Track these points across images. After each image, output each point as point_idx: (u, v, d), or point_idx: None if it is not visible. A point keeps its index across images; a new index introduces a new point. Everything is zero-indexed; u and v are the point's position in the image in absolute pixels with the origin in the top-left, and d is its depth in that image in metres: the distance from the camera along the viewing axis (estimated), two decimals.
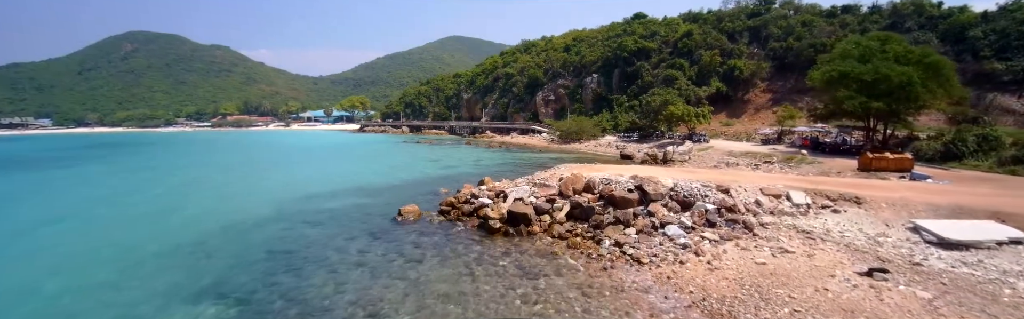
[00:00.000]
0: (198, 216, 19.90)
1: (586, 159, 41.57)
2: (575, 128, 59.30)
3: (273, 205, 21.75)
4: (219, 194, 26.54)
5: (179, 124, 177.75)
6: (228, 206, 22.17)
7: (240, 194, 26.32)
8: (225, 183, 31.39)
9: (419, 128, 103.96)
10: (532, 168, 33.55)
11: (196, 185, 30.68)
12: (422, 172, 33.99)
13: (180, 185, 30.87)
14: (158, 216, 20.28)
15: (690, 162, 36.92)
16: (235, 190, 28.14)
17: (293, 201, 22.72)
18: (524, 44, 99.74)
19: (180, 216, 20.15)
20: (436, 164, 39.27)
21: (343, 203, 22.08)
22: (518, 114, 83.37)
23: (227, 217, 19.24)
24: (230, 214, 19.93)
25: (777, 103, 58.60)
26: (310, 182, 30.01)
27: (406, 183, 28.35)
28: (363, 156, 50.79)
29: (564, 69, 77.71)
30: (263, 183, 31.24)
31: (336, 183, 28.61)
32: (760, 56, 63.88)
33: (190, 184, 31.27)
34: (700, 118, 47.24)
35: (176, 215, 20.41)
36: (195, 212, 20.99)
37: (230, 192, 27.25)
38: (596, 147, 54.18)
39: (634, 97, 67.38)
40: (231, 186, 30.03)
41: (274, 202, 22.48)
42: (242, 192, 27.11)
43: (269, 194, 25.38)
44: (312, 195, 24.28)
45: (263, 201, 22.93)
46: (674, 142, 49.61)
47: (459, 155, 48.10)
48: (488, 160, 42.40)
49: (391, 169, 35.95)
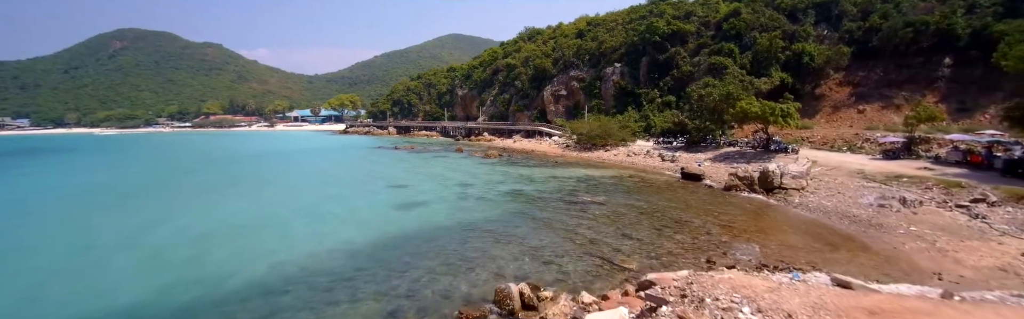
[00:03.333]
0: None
1: (631, 180, 26.30)
2: (598, 131, 44.12)
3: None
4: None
5: (158, 124, 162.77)
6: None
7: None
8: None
9: (408, 129, 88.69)
10: (568, 210, 18.73)
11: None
12: (343, 234, 16.53)
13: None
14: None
15: (813, 191, 21.86)
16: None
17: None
18: (529, 32, 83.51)
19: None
20: (391, 200, 22.93)
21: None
22: (522, 113, 68.12)
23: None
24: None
25: (862, 99, 43.47)
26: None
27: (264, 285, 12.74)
28: (293, 176, 34.53)
29: (578, 58, 62.30)
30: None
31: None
32: (832, 39, 48.72)
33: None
34: (786, 119, 32.01)
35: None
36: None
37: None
38: (630, 157, 38.96)
39: (669, 91, 52.15)
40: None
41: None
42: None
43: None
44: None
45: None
46: (747, 153, 34.41)
47: (439, 172, 32.73)
48: (482, 185, 26.87)
49: (291, 216, 20.42)
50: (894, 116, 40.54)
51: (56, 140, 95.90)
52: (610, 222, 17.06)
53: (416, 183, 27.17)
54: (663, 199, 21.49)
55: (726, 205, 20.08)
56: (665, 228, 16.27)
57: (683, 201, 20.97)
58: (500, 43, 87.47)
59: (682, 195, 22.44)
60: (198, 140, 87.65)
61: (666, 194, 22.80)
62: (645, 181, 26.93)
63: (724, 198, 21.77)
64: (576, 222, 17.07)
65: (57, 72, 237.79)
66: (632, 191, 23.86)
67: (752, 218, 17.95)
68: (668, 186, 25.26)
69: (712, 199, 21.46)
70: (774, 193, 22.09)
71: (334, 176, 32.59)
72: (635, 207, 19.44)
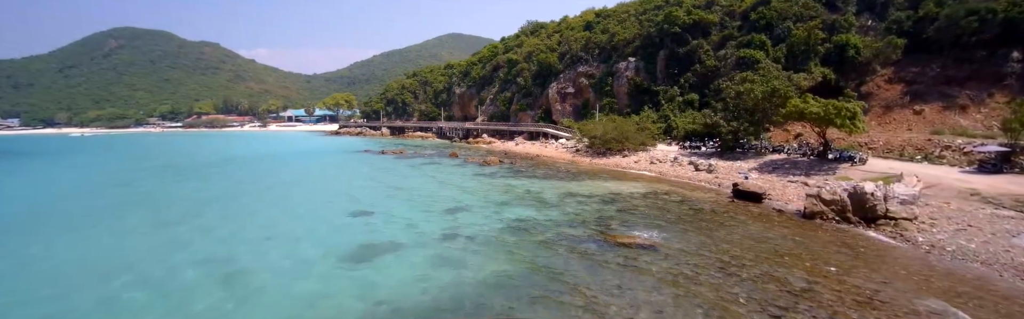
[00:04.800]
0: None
1: (669, 198, 19.74)
2: (613, 133, 37.83)
3: None
4: None
5: (149, 124, 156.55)
6: None
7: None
8: None
9: (402, 130, 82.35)
10: (608, 264, 12.34)
11: None
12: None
13: None
14: None
15: (931, 223, 15.57)
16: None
17: None
18: (532, 26, 77.04)
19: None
20: (342, 245, 15.36)
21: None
22: (524, 112, 61.78)
23: None
24: None
25: (918, 98, 37.17)
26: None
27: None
28: (232, 197, 25.83)
29: (587, 52, 55.90)
30: None
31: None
32: (877, 30, 42.42)
33: None
34: (852, 121, 25.67)
35: None
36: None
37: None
38: (654, 165, 32.61)
39: (691, 88, 45.85)
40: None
41: None
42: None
43: None
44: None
45: None
46: (800, 162, 28.14)
47: (424, 188, 26.11)
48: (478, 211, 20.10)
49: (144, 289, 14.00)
50: (960, 118, 34.28)
51: (22, 142, 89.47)
52: (684, 293, 10.38)
53: (389, 208, 20.35)
54: (733, 235, 15.18)
55: (831, 248, 13.79)
56: (781, 309, 9.72)
57: (763, 239, 14.66)
58: (500, 38, 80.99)
59: (755, 228, 16.13)
60: (178, 142, 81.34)
61: (731, 226, 16.48)
62: (688, 201, 20.62)
63: (815, 233, 15.46)
64: (630, 296, 10.30)
65: (51, 71, 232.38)
66: (681, 220, 17.54)
67: (891, 275, 11.64)
68: (723, 209, 18.94)
69: (801, 235, 15.15)
70: (878, 225, 15.81)
71: (286, 196, 24.81)
72: (703, 255, 13.10)
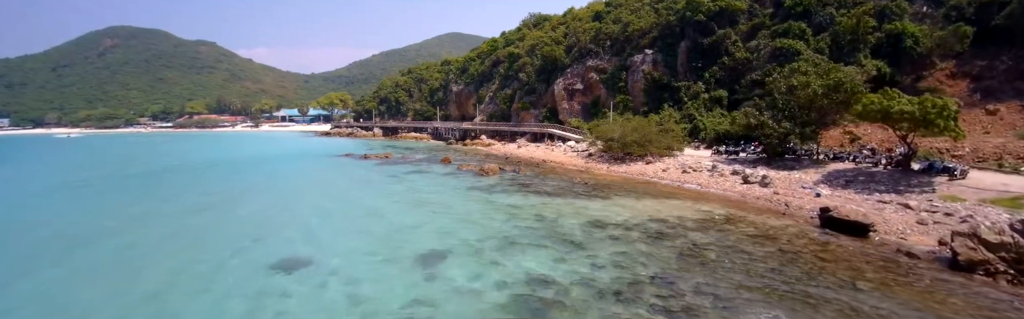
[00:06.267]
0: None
1: (734, 229, 13.64)
2: (634, 135, 31.76)
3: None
4: None
5: (140, 124, 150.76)
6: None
7: None
8: None
9: (395, 130, 76.31)
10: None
11: None
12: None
13: None
14: None
15: None
16: None
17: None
18: (534, 18, 70.76)
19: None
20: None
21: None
22: (527, 111, 55.74)
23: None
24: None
25: (990, 96, 31.07)
26: None
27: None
28: (147, 227, 21.39)
29: (597, 44, 49.82)
30: None
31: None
32: (934, 18, 36.40)
33: None
34: (953, 122, 19.66)
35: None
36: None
37: None
38: (687, 174, 26.51)
39: (718, 84, 39.84)
40: None
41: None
42: None
43: None
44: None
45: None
46: (876, 174, 22.21)
47: (397, 215, 19.56)
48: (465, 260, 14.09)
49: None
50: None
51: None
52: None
53: (335, 251, 13.60)
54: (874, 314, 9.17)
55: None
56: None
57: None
58: (501, 32, 74.87)
59: (904, 294, 10.11)
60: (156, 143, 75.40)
61: (867, 291, 10.43)
62: (766, 235, 14.55)
63: (989, 303, 9.46)
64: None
65: (45, 70, 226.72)
66: (783, 276, 11.42)
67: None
68: (824, 251, 12.91)
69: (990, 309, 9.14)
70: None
71: (204, 228, 17.33)
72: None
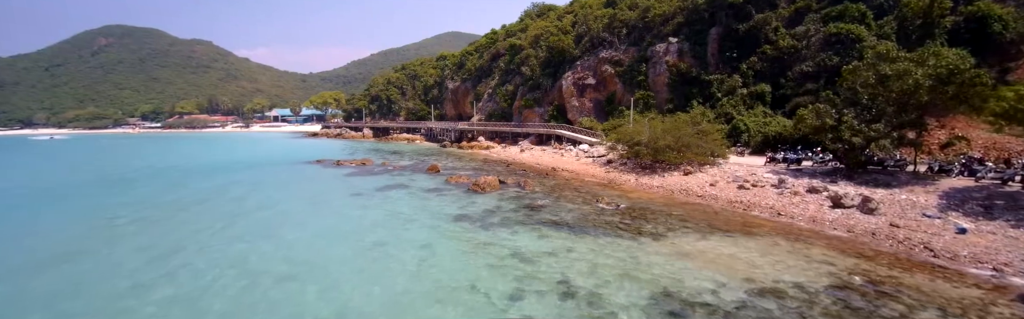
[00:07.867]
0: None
1: (886, 300, 6.86)
2: (667, 139, 24.97)
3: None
4: None
5: (129, 125, 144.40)
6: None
7: None
8: None
9: (386, 131, 69.57)
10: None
11: None
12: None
13: None
14: None
15: None
16: None
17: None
18: (539, 8, 63.72)
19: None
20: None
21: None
22: (531, 110, 48.99)
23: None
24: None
25: None
26: None
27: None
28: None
29: (611, 32, 43.03)
30: None
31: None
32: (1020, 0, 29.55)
33: None
34: None
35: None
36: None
37: None
38: (745, 190, 19.58)
39: (758, 78, 33.07)
40: None
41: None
42: None
43: None
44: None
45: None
46: (1017, 194, 15.32)
47: (340, 265, 12.65)
48: None
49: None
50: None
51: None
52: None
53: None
54: None
55: None
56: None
57: None
58: (501, 25, 68.09)
59: None
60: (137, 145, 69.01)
61: None
62: None
63: None
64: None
65: (38, 70, 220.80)
66: None
67: None
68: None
69: None
70: None
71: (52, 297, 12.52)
72: None
